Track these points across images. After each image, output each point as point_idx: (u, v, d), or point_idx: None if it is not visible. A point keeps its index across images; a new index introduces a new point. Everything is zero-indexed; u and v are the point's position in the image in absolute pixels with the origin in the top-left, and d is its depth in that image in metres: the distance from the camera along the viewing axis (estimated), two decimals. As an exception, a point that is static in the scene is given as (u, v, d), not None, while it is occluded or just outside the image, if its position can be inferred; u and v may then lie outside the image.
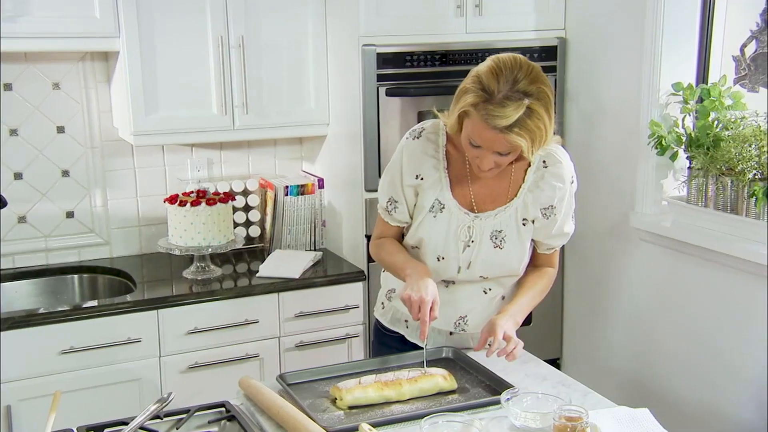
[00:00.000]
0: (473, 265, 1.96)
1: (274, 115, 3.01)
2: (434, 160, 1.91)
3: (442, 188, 1.92)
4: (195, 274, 2.91)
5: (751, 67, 2.88)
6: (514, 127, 1.68)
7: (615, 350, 3.05)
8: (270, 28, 2.94)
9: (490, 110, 1.68)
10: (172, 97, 2.85)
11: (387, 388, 1.79)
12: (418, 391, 1.82)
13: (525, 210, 1.94)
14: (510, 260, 1.96)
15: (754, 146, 2.46)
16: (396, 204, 1.97)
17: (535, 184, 1.92)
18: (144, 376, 2.71)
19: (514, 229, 1.94)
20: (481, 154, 1.78)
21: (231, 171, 3.29)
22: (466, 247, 1.93)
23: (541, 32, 3.05)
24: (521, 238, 1.95)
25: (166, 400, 1.73)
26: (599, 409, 1.74)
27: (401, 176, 1.94)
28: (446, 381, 1.85)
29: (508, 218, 1.93)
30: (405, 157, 1.93)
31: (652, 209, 2.80)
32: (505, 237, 1.93)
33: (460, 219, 1.93)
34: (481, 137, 1.74)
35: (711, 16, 2.77)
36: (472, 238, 1.93)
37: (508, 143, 1.72)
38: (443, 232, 1.93)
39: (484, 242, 1.93)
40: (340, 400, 1.77)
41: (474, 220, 1.93)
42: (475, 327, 2.06)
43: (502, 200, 1.94)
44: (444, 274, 1.99)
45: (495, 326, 1.87)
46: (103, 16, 2.71)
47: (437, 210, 1.92)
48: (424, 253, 1.97)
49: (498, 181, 1.92)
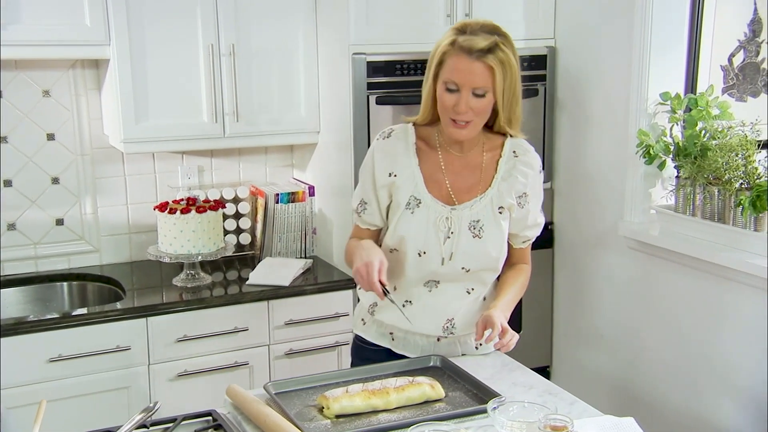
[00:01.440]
0: (455, 256, 1.97)
1: (264, 123, 3.02)
2: (405, 157, 1.97)
3: (416, 184, 1.95)
4: (185, 281, 2.91)
5: (739, 76, 2.90)
6: (488, 53, 1.82)
7: (604, 358, 3.06)
8: (261, 36, 2.95)
9: (466, 38, 1.83)
10: (163, 104, 2.86)
11: (374, 396, 1.79)
12: (405, 399, 1.82)
13: (501, 198, 1.98)
14: (489, 250, 1.99)
15: (740, 156, 2.48)
16: (366, 206, 2.01)
17: (508, 173, 1.99)
18: (133, 384, 2.70)
19: (491, 218, 1.98)
20: (458, 99, 1.85)
21: (222, 178, 3.29)
22: (446, 239, 1.96)
23: (531, 41, 3.07)
24: (499, 227, 1.99)
25: (152, 409, 1.73)
26: (585, 418, 1.75)
27: (373, 177, 1.98)
28: (433, 390, 1.85)
29: (484, 208, 1.97)
30: (377, 156, 1.99)
31: (640, 218, 2.81)
32: (483, 226, 1.97)
33: (437, 211, 1.96)
34: (458, 69, 1.83)
35: (699, 26, 2.79)
36: (452, 229, 1.95)
37: (483, 72, 1.82)
38: (423, 225, 1.96)
39: (463, 232, 1.96)
40: (327, 409, 1.78)
41: (451, 212, 1.96)
42: (462, 329, 2.08)
43: (476, 191, 1.99)
44: (426, 269, 1.99)
45: (492, 317, 1.92)
46: (94, 23, 2.72)
47: (414, 206, 1.95)
48: (405, 251, 1.98)
49: (471, 172, 1.98)
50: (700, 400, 2.63)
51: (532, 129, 3.10)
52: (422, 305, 2.04)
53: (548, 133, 3.15)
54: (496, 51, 1.83)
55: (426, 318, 2.04)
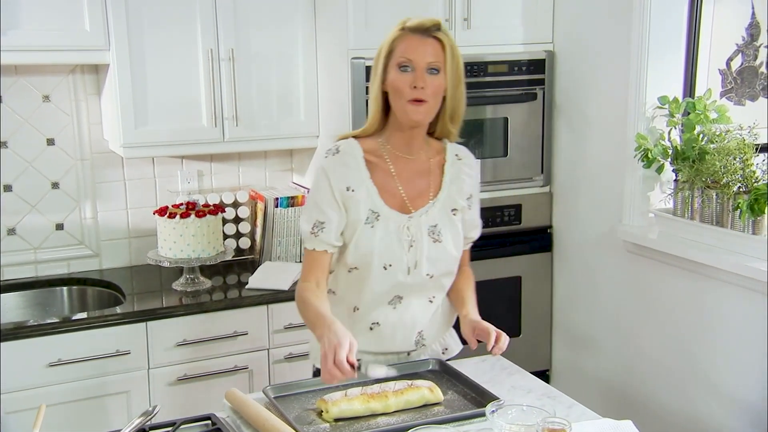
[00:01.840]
0: (419, 264, 1.96)
1: (263, 127, 3.02)
2: (357, 170, 1.94)
3: (371, 197, 1.93)
4: (184, 286, 2.91)
5: (737, 80, 2.90)
6: (437, 29, 1.89)
7: (603, 362, 3.06)
8: (260, 41, 2.96)
9: (412, 22, 1.90)
10: (162, 109, 2.86)
11: (373, 400, 1.80)
12: (404, 403, 1.82)
13: (452, 201, 2.00)
14: (449, 253, 2.00)
15: (738, 159, 2.48)
16: (322, 225, 1.92)
17: (456, 176, 2.01)
18: (132, 388, 2.70)
19: (447, 221, 1.99)
20: (414, 75, 1.86)
21: (221, 183, 3.30)
22: (410, 247, 1.95)
23: (529, 45, 3.08)
24: (455, 228, 2.00)
25: (151, 413, 1.73)
26: (583, 421, 1.75)
27: (331, 193, 1.92)
28: (432, 393, 1.86)
29: (438, 212, 1.98)
30: (330, 173, 1.93)
31: (638, 221, 2.82)
32: (441, 230, 1.97)
33: (397, 222, 1.94)
34: (410, 46, 1.87)
35: (697, 30, 2.80)
36: (413, 237, 1.94)
37: (434, 47, 1.87)
38: (386, 238, 1.93)
39: (424, 239, 1.95)
40: (326, 413, 1.78)
41: (410, 220, 1.95)
42: (431, 340, 2.09)
43: (428, 196, 1.99)
44: (391, 282, 1.96)
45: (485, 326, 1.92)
46: (93, 29, 2.73)
47: (373, 219, 1.92)
48: (370, 267, 1.94)
49: (421, 178, 1.98)
50: (698, 403, 2.63)
51: (530, 133, 3.14)
52: (391, 324, 2.01)
53: (547, 137, 3.16)
54: (443, 31, 1.90)
55: (397, 335, 2.02)
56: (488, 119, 3.09)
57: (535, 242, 3.24)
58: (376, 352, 2.03)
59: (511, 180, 3.15)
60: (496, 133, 3.10)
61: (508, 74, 3.05)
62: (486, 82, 3.03)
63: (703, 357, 2.60)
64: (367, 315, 2.00)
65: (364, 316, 2.00)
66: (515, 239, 3.20)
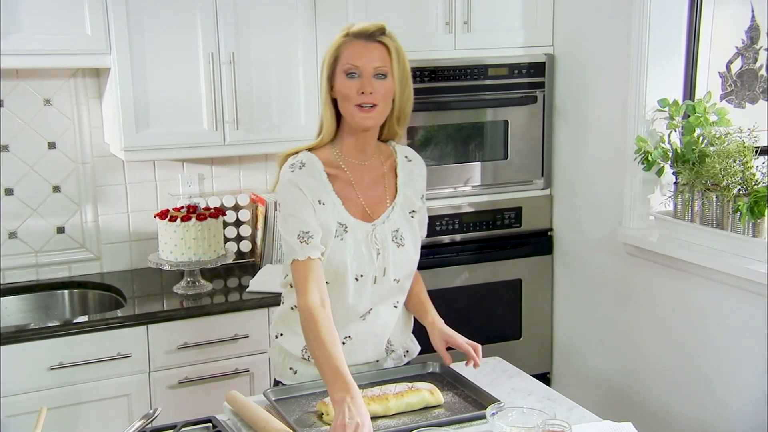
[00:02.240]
0: (387, 271, 1.96)
1: (264, 130, 3.03)
2: (321, 183, 1.92)
3: (337, 210, 1.91)
4: (185, 289, 2.92)
5: (737, 83, 2.91)
6: (381, 34, 1.89)
7: (604, 364, 3.06)
8: (260, 45, 2.96)
9: (356, 27, 1.89)
10: (163, 112, 2.87)
11: (373, 403, 1.80)
12: (404, 405, 1.83)
13: (409, 203, 2.01)
14: (411, 255, 2.01)
15: (738, 162, 2.49)
16: (308, 234, 1.85)
17: (409, 177, 2.03)
18: (133, 391, 2.71)
19: (407, 224, 2.00)
20: (361, 81, 1.86)
21: (222, 186, 3.30)
22: (378, 255, 1.94)
23: (530, 49, 3.08)
24: (414, 230, 2.02)
25: (152, 416, 1.74)
26: (583, 424, 1.75)
27: (310, 204, 1.88)
28: (432, 396, 1.86)
29: (398, 216, 1.99)
30: (302, 187, 1.88)
31: (639, 224, 2.82)
32: (402, 234, 1.98)
33: (363, 231, 1.93)
34: (356, 52, 1.87)
35: (697, 33, 2.80)
36: (380, 245, 1.94)
37: (380, 52, 1.87)
38: (356, 249, 1.92)
39: (389, 245, 1.96)
40: (326, 416, 1.78)
41: (374, 228, 1.95)
42: (398, 345, 2.10)
43: (385, 201, 1.99)
44: (362, 292, 1.95)
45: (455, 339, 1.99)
46: (94, 32, 2.73)
47: (341, 232, 1.91)
48: (343, 279, 1.92)
49: (378, 184, 1.99)
50: (699, 405, 2.63)
51: (531, 136, 3.14)
52: (363, 336, 2.00)
53: (547, 140, 3.17)
54: (387, 32, 1.90)
55: (368, 346, 2.02)
56: (488, 122, 3.09)
57: (535, 245, 3.24)
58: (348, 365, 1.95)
59: (512, 183, 3.15)
60: (497, 136, 3.11)
61: (508, 77, 3.05)
62: (486, 85, 3.03)
63: (703, 359, 2.60)
64: (341, 331, 1.95)
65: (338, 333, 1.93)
66: (515, 242, 3.21)
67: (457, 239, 3.12)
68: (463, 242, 3.13)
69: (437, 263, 3.07)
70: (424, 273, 3.00)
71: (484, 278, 3.17)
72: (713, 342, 2.56)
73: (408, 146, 2.13)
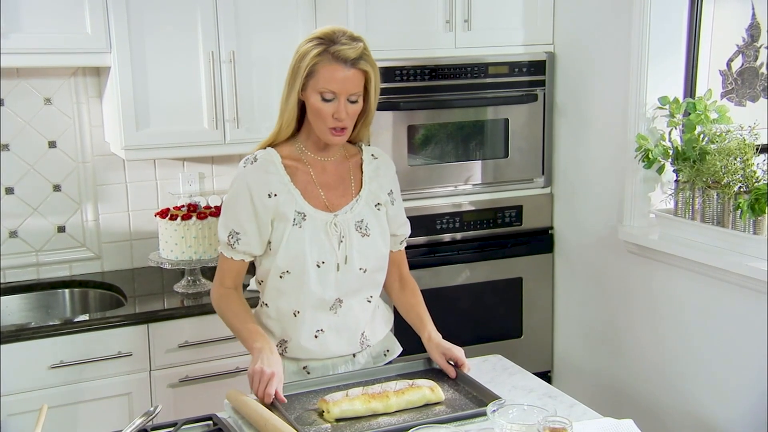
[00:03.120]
0: (350, 259, 1.98)
1: (265, 129, 3.01)
2: (277, 176, 1.95)
3: (295, 199, 1.95)
4: (186, 287, 2.92)
5: (737, 81, 2.91)
6: (360, 59, 1.87)
7: (604, 362, 3.06)
8: (261, 44, 2.96)
9: (338, 49, 1.85)
10: (164, 111, 2.86)
11: (374, 400, 1.80)
12: (405, 403, 1.82)
13: (374, 196, 2.05)
14: (378, 245, 2.03)
15: (739, 159, 2.48)
16: (238, 236, 1.94)
17: (374, 173, 2.07)
18: (134, 390, 2.70)
19: (372, 215, 2.03)
20: (337, 106, 1.88)
21: (222, 185, 3.30)
22: (339, 243, 1.97)
23: (530, 47, 3.08)
24: (380, 222, 2.04)
25: (152, 414, 1.74)
26: (585, 421, 1.75)
27: (252, 203, 1.93)
28: (433, 393, 1.86)
29: (362, 208, 2.02)
30: (250, 182, 1.94)
31: (639, 222, 2.82)
32: (368, 225, 2.01)
33: (324, 220, 1.96)
34: (335, 78, 1.86)
35: (698, 31, 2.80)
36: (342, 232, 1.97)
37: (358, 78, 1.88)
38: (315, 235, 1.95)
39: (352, 233, 1.99)
40: (327, 413, 1.78)
41: (336, 217, 1.98)
42: (374, 339, 2.11)
43: (349, 196, 2.02)
44: (326, 280, 1.97)
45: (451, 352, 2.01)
46: (95, 31, 2.73)
47: (300, 220, 1.94)
48: (303, 266, 1.94)
49: (341, 181, 2.02)
50: (700, 403, 2.63)
51: (531, 134, 3.14)
52: (335, 329, 2.02)
53: (547, 139, 3.17)
54: (366, 56, 1.89)
55: (342, 340, 2.04)
56: (489, 120, 3.09)
57: (536, 243, 3.24)
58: (322, 358, 2.04)
59: (512, 181, 3.15)
60: (497, 135, 3.11)
61: (508, 75, 3.05)
62: (487, 84, 3.03)
63: (704, 357, 2.60)
64: (310, 320, 2.00)
65: (306, 321, 2.00)
66: (516, 240, 3.21)
67: (457, 238, 3.12)
68: (463, 241, 3.13)
69: (438, 262, 3.07)
70: (425, 272, 3.03)
71: (484, 277, 3.17)
72: (714, 340, 2.56)
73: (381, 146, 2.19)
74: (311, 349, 2.01)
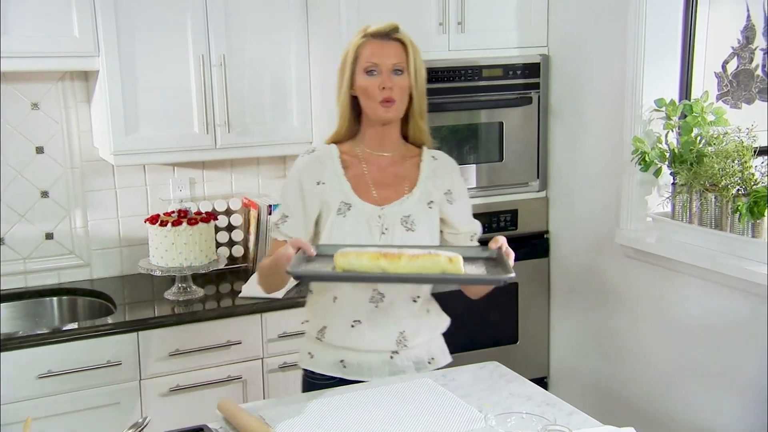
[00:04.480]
0: None
1: (256, 133, 2.99)
2: (330, 166, 2.05)
3: (344, 191, 2.03)
4: (176, 295, 2.88)
5: (733, 83, 2.89)
6: (397, 32, 2.02)
7: (602, 368, 3.03)
8: (252, 47, 2.93)
9: (373, 30, 2.02)
10: (153, 116, 2.83)
11: (384, 258, 1.73)
12: (417, 267, 1.73)
13: (428, 194, 2.08)
14: (422, 242, 2.02)
15: (736, 162, 2.46)
16: (286, 219, 2.06)
17: (432, 173, 2.10)
18: (124, 399, 2.66)
19: (422, 212, 2.05)
20: (381, 77, 1.98)
21: (213, 190, 3.27)
22: (381, 235, 2.00)
23: (524, 49, 3.06)
24: (429, 219, 2.06)
25: (141, 425, 1.70)
26: (584, 429, 1.72)
27: (300, 188, 2.04)
28: (451, 263, 1.74)
29: (413, 204, 2.05)
30: (302, 169, 2.07)
31: (636, 225, 2.79)
32: (414, 220, 2.03)
33: (369, 212, 2.02)
34: (375, 53, 1.99)
35: (693, 33, 2.79)
36: (385, 225, 2.01)
37: (396, 49, 2.00)
38: (358, 225, 2.00)
39: (396, 227, 2.01)
40: (336, 267, 1.75)
41: (382, 210, 2.03)
42: (414, 341, 2.07)
43: (403, 191, 2.07)
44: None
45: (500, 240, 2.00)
46: (82, 35, 2.70)
47: (345, 210, 2.02)
48: None
49: (396, 179, 2.07)
50: (700, 409, 2.60)
51: (526, 137, 3.11)
52: (372, 322, 2.03)
53: (542, 141, 3.14)
54: (401, 31, 2.03)
55: (377, 333, 2.03)
56: (483, 124, 3.06)
57: (531, 248, 3.21)
58: (358, 349, 2.05)
59: (507, 185, 3.12)
60: (491, 138, 3.08)
61: (502, 78, 3.03)
62: (480, 86, 3.00)
63: (703, 362, 2.58)
64: (348, 309, 2.04)
65: (344, 308, 2.04)
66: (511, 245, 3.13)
67: (452, 242, 3.08)
68: (458, 245, 3.10)
69: (432, 267, 3.04)
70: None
71: (479, 282, 3.14)
72: (713, 344, 2.53)
73: None
74: (346, 338, 2.04)
